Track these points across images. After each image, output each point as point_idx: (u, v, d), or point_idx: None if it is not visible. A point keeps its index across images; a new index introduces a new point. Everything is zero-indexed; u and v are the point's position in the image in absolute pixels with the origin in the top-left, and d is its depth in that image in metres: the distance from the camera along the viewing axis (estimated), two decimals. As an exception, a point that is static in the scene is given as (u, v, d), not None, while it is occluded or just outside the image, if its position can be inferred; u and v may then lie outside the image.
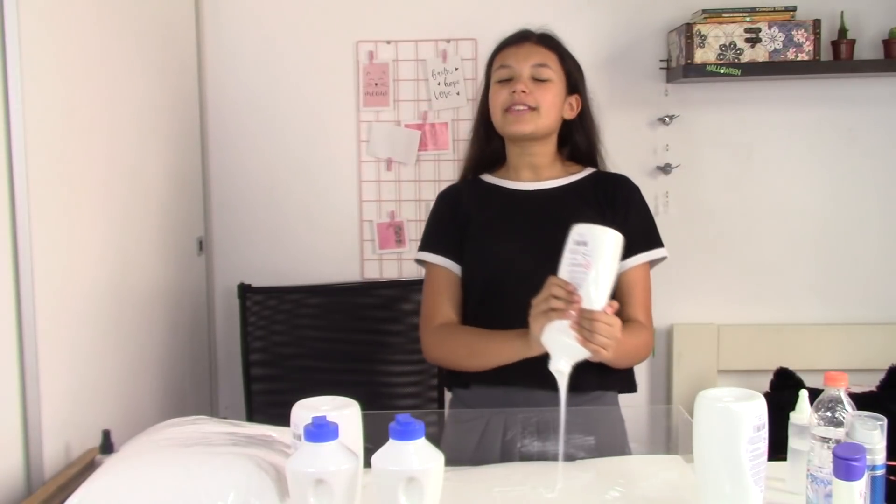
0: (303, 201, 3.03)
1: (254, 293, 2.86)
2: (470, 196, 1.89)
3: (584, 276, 1.50)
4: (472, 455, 1.77)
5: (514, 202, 1.86)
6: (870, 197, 3.01)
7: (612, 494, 1.52)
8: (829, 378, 1.38)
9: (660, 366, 3.08)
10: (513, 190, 1.87)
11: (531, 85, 1.79)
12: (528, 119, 1.79)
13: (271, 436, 1.52)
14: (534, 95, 1.79)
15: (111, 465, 1.41)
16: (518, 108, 1.79)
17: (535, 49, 1.82)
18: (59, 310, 1.78)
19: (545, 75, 1.80)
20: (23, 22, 1.62)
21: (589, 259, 1.49)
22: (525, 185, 1.86)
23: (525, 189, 1.86)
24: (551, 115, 1.82)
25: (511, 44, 1.85)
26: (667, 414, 2.42)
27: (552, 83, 1.81)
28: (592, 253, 1.49)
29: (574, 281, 1.51)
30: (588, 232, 1.50)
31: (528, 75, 1.80)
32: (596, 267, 1.49)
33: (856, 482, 1.15)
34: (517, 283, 1.70)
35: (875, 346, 2.95)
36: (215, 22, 2.95)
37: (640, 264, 1.83)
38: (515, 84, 1.79)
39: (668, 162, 2.98)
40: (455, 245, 1.86)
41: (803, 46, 2.72)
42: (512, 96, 1.79)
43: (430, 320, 1.85)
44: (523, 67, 1.80)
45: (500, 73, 1.83)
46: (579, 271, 1.50)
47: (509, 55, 1.83)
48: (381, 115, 2.99)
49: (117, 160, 2.14)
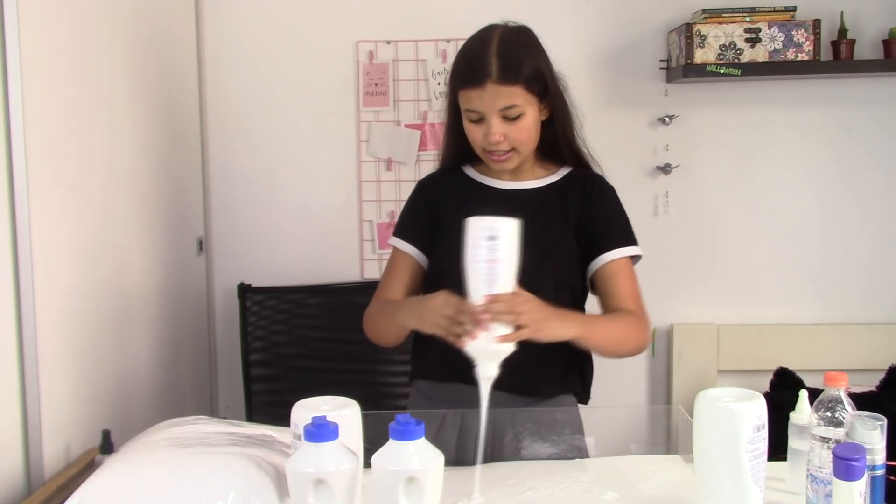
0: (303, 201, 3.03)
1: (254, 293, 2.86)
2: (448, 189, 1.87)
3: (496, 270, 1.48)
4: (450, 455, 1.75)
5: (494, 201, 1.81)
6: (869, 197, 3.02)
7: (611, 494, 1.52)
8: (829, 378, 1.38)
9: (660, 366, 3.08)
10: (493, 188, 1.84)
11: (504, 126, 1.70)
12: (508, 159, 1.74)
13: (271, 436, 1.52)
14: (509, 139, 1.71)
15: (111, 465, 1.41)
16: (496, 153, 1.73)
17: (499, 90, 1.67)
18: (59, 310, 1.78)
19: (515, 113, 1.69)
20: (23, 22, 1.62)
21: (500, 254, 1.48)
22: (505, 184, 1.83)
23: (504, 188, 1.83)
24: (530, 145, 1.75)
25: (471, 85, 1.69)
26: (667, 414, 2.42)
27: (524, 115, 1.70)
28: (503, 247, 1.48)
29: (488, 276, 1.49)
30: (497, 226, 1.48)
31: (498, 118, 1.69)
32: (509, 259, 1.49)
33: (856, 482, 1.15)
34: None
35: (875, 346, 2.95)
36: (215, 22, 2.95)
37: (618, 258, 1.77)
38: (487, 130, 1.70)
39: (668, 162, 2.98)
40: (425, 236, 1.85)
41: (803, 46, 2.73)
42: (486, 141, 1.71)
43: (375, 297, 1.87)
44: (491, 113, 1.68)
45: (469, 114, 1.72)
46: (492, 267, 1.48)
47: (473, 98, 1.69)
48: (381, 115, 2.99)
49: (117, 160, 2.14)
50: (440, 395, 1.83)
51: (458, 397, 1.75)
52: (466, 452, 1.76)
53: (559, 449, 1.75)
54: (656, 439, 1.89)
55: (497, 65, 1.67)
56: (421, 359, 1.90)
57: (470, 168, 1.89)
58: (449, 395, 1.79)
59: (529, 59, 1.70)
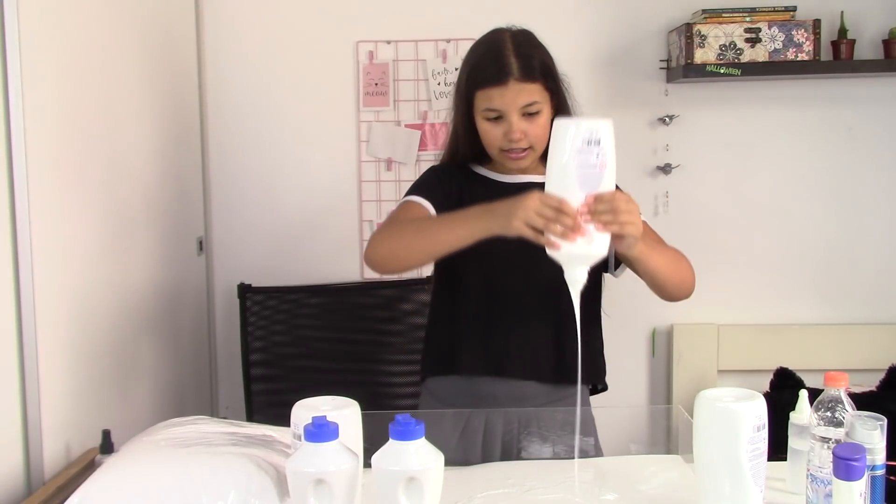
0: (303, 201, 3.03)
1: (254, 293, 2.86)
2: (458, 179, 1.86)
3: (599, 177, 1.41)
4: (452, 455, 1.76)
5: (505, 195, 1.81)
6: (870, 197, 3.02)
7: (611, 495, 1.52)
8: (829, 378, 1.38)
9: (660, 366, 3.08)
10: (502, 182, 1.83)
11: (523, 124, 1.72)
12: (525, 157, 1.76)
13: (271, 436, 1.52)
14: (528, 136, 1.73)
15: (111, 465, 1.41)
16: (514, 151, 1.74)
17: (521, 87, 1.70)
18: (59, 310, 1.78)
19: (535, 109, 1.72)
20: (23, 22, 1.62)
21: (604, 158, 1.41)
22: (513, 178, 1.83)
23: (514, 182, 1.82)
24: (545, 141, 1.72)
25: (493, 84, 1.71)
26: (667, 414, 2.42)
27: (542, 112, 1.74)
28: (606, 151, 1.41)
29: (587, 183, 1.41)
30: (600, 129, 1.41)
31: (518, 115, 1.72)
32: (611, 165, 1.42)
33: (856, 482, 1.15)
34: (511, 275, 1.76)
35: (875, 346, 2.95)
36: (215, 22, 2.95)
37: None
38: (507, 128, 1.72)
39: (668, 162, 2.98)
40: (440, 202, 1.79)
41: (803, 46, 2.73)
42: (506, 139, 1.73)
43: (384, 227, 1.79)
44: (512, 111, 1.71)
45: (488, 113, 1.74)
46: (594, 173, 1.41)
47: (494, 97, 1.71)
48: (381, 115, 2.99)
49: (117, 160, 2.14)
50: (465, 390, 1.82)
51: (489, 392, 1.77)
52: (469, 453, 1.77)
53: (560, 448, 1.75)
54: (656, 439, 1.89)
55: (518, 63, 1.71)
56: (448, 355, 1.84)
57: (477, 165, 1.88)
58: (475, 391, 1.79)
59: (544, 57, 1.76)
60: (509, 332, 1.79)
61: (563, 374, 1.78)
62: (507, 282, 1.79)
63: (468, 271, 1.81)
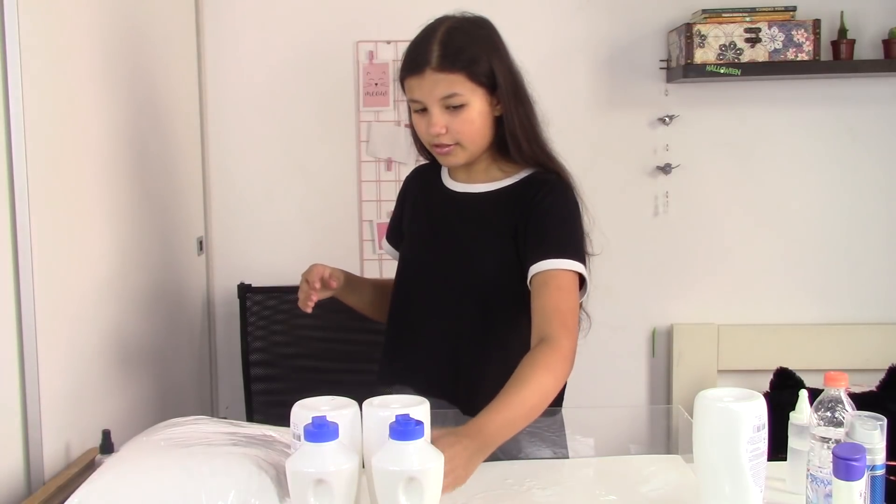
0: (303, 201, 3.03)
1: (254, 293, 2.86)
2: (418, 186, 1.87)
3: None
4: None
5: (443, 202, 1.79)
6: (870, 197, 3.02)
7: (611, 495, 1.52)
8: (829, 378, 1.37)
9: (660, 366, 3.08)
10: (445, 189, 1.79)
11: (445, 117, 1.63)
12: (454, 153, 1.67)
13: (271, 436, 1.52)
14: (451, 131, 1.64)
15: (111, 465, 1.41)
16: (440, 147, 1.66)
17: (438, 78, 1.61)
18: (59, 310, 1.77)
19: (457, 102, 1.62)
20: (23, 22, 1.62)
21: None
22: (456, 185, 1.78)
23: (454, 190, 1.78)
24: (477, 140, 1.67)
25: (411, 73, 1.64)
26: (667, 414, 2.43)
27: (468, 105, 1.62)
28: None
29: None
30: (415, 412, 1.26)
31: (439, 108, 1.63)
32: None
33: (856, 482, 1.15)
34: (420, 288, 1.77)
35: (875, 346, 2.95)
36: (215, 22, 2.95)
37: (547, 270, 1.60)
38: (430, 120, 1.64)
39: (668, 162, 2.98)
40: (398, 236, 1.89)
41: (803, 46, 2.73)
42: (429, 132, 1.65)
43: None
44: (432, 102, 1.63)
45: (414, 104, 1.67)
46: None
47: (413, 87, 1.64)
48: (381, 115, 2.99)
49: (117, 160, 2.14)
50: None
51: None
52: None
53: (550, 450, 1.74)
54: (656, 439, 1.89)
55: (438, 52, 1.62)
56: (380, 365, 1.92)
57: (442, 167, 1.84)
58: None
59: (474, 47, 1.64)
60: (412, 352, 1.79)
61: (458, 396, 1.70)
62: (416, 296, 1.79)
63: (404, 272, 1.84)
